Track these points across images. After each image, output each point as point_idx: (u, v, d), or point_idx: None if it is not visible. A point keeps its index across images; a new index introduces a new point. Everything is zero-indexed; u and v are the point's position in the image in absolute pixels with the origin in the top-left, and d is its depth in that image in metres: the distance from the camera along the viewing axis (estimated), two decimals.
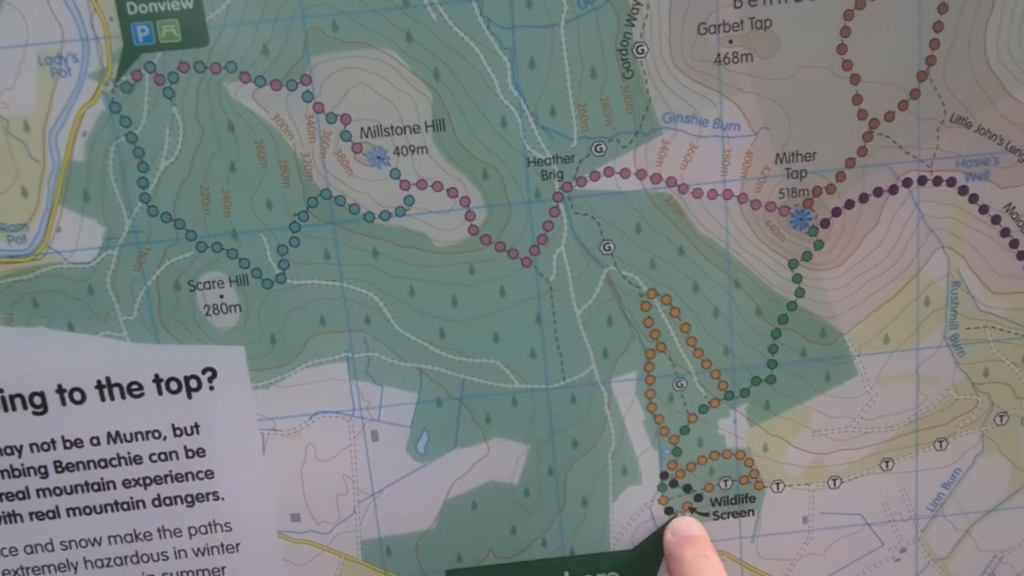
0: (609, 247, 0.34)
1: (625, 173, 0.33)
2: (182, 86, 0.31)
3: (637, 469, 0.36)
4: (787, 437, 0.36)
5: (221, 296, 0.33)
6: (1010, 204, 0.34)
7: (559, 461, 0.36)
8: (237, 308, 0.33)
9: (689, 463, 0.36)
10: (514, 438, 0.35)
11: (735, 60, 0.32)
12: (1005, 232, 0.34)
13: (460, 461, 0.35)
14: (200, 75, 0.31)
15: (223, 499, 0.35)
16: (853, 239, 0.34)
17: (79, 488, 0.35)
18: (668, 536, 0.36)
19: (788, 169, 0.33)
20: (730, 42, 0.32)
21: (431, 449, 0.35)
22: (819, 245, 0.34)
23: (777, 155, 0.33)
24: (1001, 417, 0.36)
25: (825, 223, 0.34)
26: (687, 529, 0.35)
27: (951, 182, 0.33)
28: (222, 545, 0.35)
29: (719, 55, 0.32)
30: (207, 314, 0.33)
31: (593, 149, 0.33)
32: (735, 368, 0.35)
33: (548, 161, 0.33)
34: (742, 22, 0.32)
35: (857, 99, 0.33)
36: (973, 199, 0.34)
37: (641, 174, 0.33)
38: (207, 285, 0.33)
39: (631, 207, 0.33)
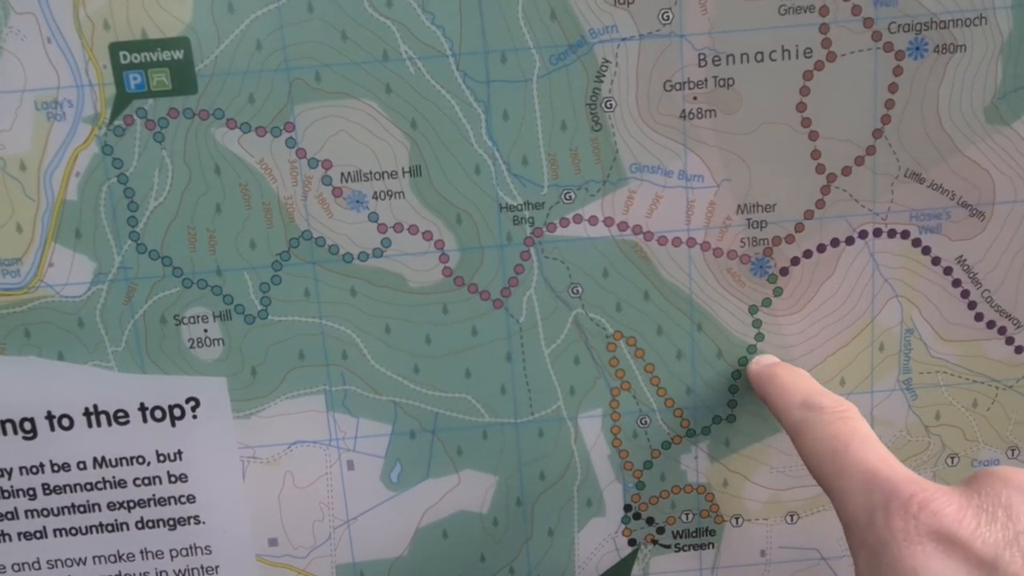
0: (577, 290, 0.35)
1: (593, 220, 0.35)
2: (172, 131, 0.33)
3: (602, 501, 0.37)
4: (746, 473, 0.37)
5: (205, 330, 0.35)
6: (961, 256, 0.35)
7: (527, 492, 0.37)
8: (220, 342, 0.35)
9: (652, 497, 0.37)
10: (484, 470, 0.37)
11: (699, 115, 0.34)
12: (956, 283, 0.35)
13: (432, 491, 0.37)
14: (189, 121, 0.33)
15: (204, 523, 0.36)
16: (811, 287, 0.35)
17: (66, 510, 0.36)
18: (753, 366, 0.35)
19: (749, 219, 0.35)
20: (695, 98, 0.34)
21: (404, 479, 0.37)
22: (778, 292, 0.35)
23: (739, 206, 0.35)
24: (952, 459, 0.37)
25: (784, 271, 0.35)
26: (770, 359, 0.35)
27: (905, 234, 0.35)
28: (202, 567, 0.37)
29: (684, 110, 0.34)
30: (191, 347, 0.35)
31: (563, 197, 0.34)
32: (697, 407, 0.36)
33: (520, 207, 0.34)
34: (706, 80, 0.33)
35: (816, 154, 0.34)
36: (926, 251, 0.35)
37: (608, 221, 0.35)
38: (192, 319, 0.35)
39: (599, 253, 0.35)
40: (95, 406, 0.35)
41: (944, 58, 0.33)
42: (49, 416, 0.35)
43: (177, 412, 0.35)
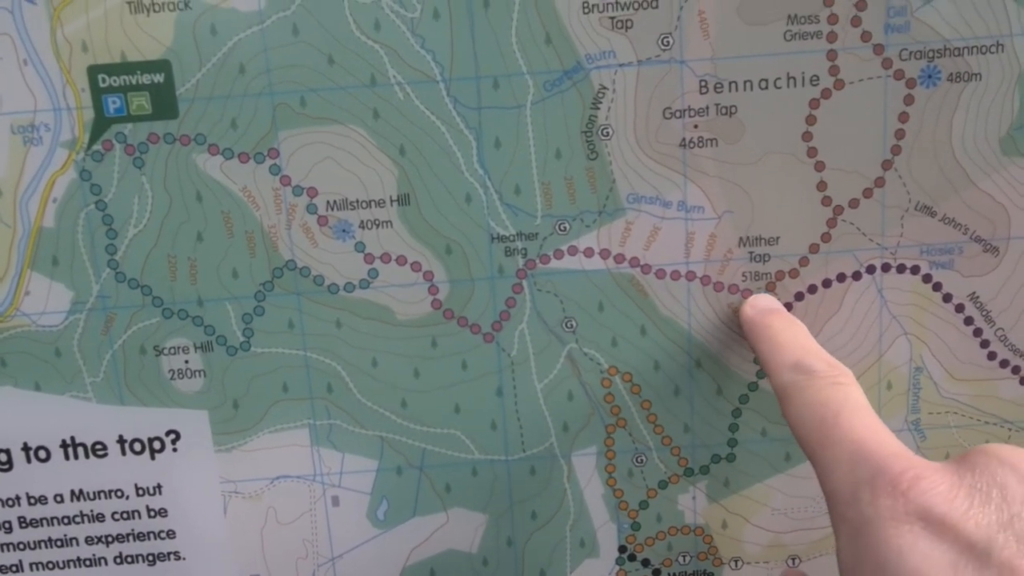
0: (571, 324, 0.34)
1: (588, 252, 0.33)
2: (152, 156, 0.32)
3: (595, 542, 0.36)
4: (746, 515, 0.36)
5: (186, 361, 0.34)
6: (974, 293, 0.34)
7: (518, 532, 0.36)
8: (201, 373, 0.34)
9: (648, 538, 0.36)
10: (473, 508, 0.35)
11: (700, 144, 0.32)
12: (968, 321, 0.34)
13: (419, 529, 0.35)
14: (170, 146, 0.32)
15: (184, 559, 0.35)
16: (815, 324, 0.34)
17: (43, 544, 0.35)
18: (747, 310, 0.33)
19: (751, 253, 0.33)
20: (695, 127, 0.32)
21: (391, 516, 0.35)
22: None
23: (740, 238, 0.33)
24: None
25: (787, 307, 0.34)
26: (768, 303, 0.33)
27: (915, 270, 0.33)
28: None
29: (684, 139, 0.32)
30: (172, 378, 0.34)
31: (557, 227, 0.33)
32: (695, 445, 0.35)
33: (512, 238, 0.33)
34: (708, 108, 0.32)
35: (822, 185, 0.33)
36: (937, 287, 0.34)
37: (604, 253, 0.33)
38: (172, 350, 0.34)
39: (594, 286, 0.33)
40: (72, 438, 0.34)
41: (958, 87, 0.32)
42: (25, 448, 0.34)
43: (157, 445, 0.34)
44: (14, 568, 0.35)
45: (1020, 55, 0.31)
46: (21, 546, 0.35)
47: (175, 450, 0.34)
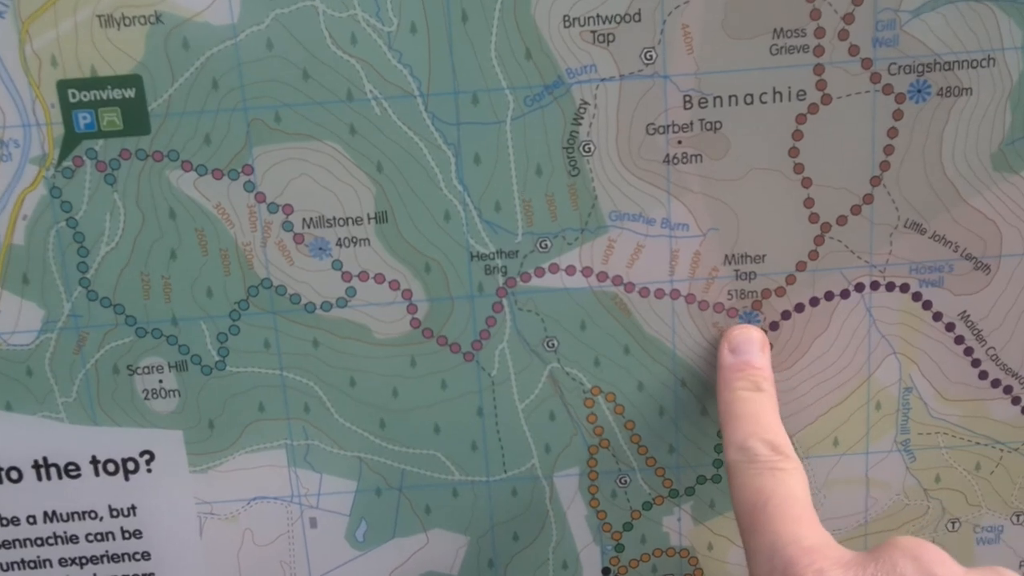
0: (553, 344, 0.33)
1: (570, 270, 0.33)
2: (124, 173, 0.31)
3: (578, 564, 0.35)
4: (732, 537, 0.35)
5: (160, 381, 0.33)
6: (964, 312, 0.33)
7: (499, 554, 0.35)
8: (176, 393, 0.33)
9: (632, 560, 0.35)
10: (454, 529, 0.35)
11: (684, 160, 0.32)
12: (959, 340, 0.33)
13: (399, 550, 0.35)
14: (142, 162, 0.31)
15: None
16: (803, 343, 0.33)
17: (15, 565, 0.34)
18: (725, 353, 0.32)
19: (737, 271, 0.33)
20: (679, 143, 0.31)
21: (370, 538, 0.35)
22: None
23: (726, 256, 0.32)
24: (953, 523, 0.35)
25: (774, 326, 0.33)
26: (746, 348, 0.32)
27: (904, 288, 0.33)
28: None
29: (668, 155, 0.31)
30: (146, 398, 0.33)
31: (538, 245, 0.32)
32: (680, 466, 0.34)
33: (492, 256, 0.32)
34: (692, 123, 0.31)
35: (809, 202, 0.32)
36: (927, 306, 0.33)
37: (587, 271, 0.32)
38: (146, 370, 0.33)
39: (576, 304, 0.33)
40: (45, 459, 0.33)
41: (948, 101, 0.31)
42: None
43: (131, 466, 0.34)
44: None
45: (1012, 69, 0.31)
46: None
47: (150, 471, 0.34)
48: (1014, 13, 0.30)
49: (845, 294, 0.33)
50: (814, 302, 0.33)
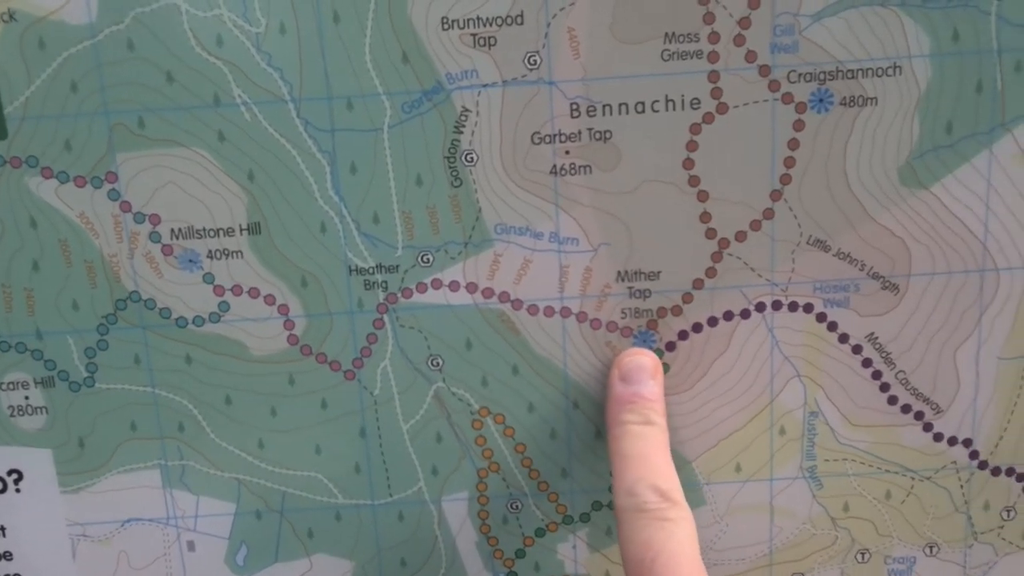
0: (437, 362, 0.31)
1: (454, 286, 0.31)
2: None
3: None
4: None
5: (26, 397, 0.32)
6: (872, 334, 0.31)
7: None
8: (43, 410, 0.32)
9: None
10: (338, 554, 0.33)
11: (572, 172, 0.30)
12: (867, 363, 0.31)
13: (281, 575, 0.33)
14: (0, 169, 0.30)
15: None
16: (701, 364, 0.31)
17: None
18: (615, 382, 0.31)
19: (630, 288, 0.31)
20: (567, 152, 0.30)
21: (251, 562, 0.33)
22: (665, 368, 0.31)
23: (618, 272, 0.31)
24: (863, 555, 0.33)
25: (671, 346, 0.31)
26: (637, 377, 0.31)
27: (808, 308, 0.31)
28: None
29: (555, 166, 0.30)
30: (12, 415, 0.32)
31: (419, 259, 0.31)
32: (574, 491, 0.33)
33: (371, 270, 0.31)
34: (580, 132, 0.30)
35: (705, 217, 0.30)
36: (832, 327, 0.31)
37: (471, 287, 0.31)
38: (11, 386, 0.31)
39: (460, 322, 0.31)
40: None
41: (852, 112, 0.29)
42: None
43: None
44: None
45: (919, 78, 0.29)
46: None
47: (18, 491, 0.32)
48: (921, 19, 0.29)
49: (745, 314, 0.31)
50: (712, 322, 0.31)
